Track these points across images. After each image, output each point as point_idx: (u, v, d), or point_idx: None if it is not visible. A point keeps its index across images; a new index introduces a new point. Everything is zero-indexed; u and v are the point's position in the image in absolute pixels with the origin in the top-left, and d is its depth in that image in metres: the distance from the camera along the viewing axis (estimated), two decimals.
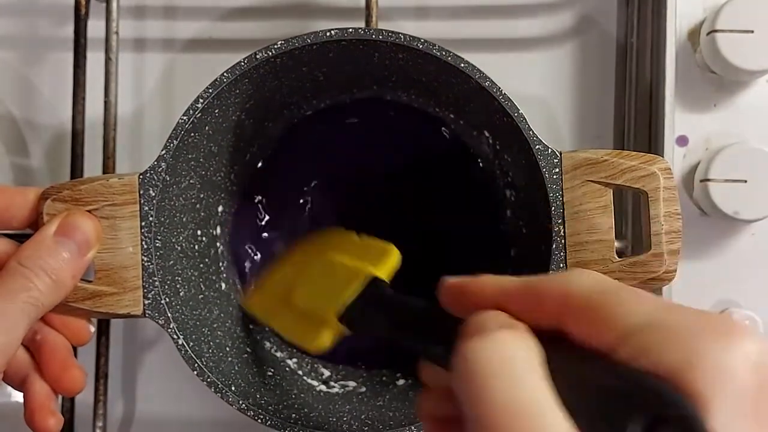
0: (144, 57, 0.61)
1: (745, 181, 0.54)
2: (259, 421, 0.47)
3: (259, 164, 0.56)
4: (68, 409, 0.54)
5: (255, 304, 0.52)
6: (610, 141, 0.58)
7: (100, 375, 0.54)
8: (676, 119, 0.54)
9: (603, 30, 0.59)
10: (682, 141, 0.56)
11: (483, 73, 0.46)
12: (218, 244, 0.55)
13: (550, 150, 0.46)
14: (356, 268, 0.44)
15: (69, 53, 0.54)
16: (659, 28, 0.54)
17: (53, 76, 0.61)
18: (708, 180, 0.54)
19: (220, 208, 0.54)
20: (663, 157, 0.51)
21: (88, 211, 0.45)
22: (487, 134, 0.52)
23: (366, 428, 0.48)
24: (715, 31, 0.53)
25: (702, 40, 0.55)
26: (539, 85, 0.45)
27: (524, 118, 0.46)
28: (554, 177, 0.46)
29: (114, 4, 0.54)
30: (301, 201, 0.57)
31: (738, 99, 0.57)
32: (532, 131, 0.46)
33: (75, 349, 0.52)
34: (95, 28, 0.55)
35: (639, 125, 0.56)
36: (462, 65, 0.46)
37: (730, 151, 0.54)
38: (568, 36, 0.59)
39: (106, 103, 0.54)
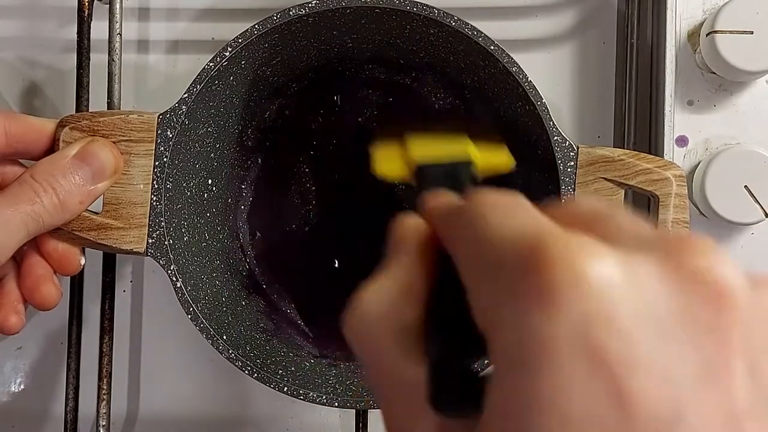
0: (147, 58, 0.60)
1: (745, 184, 0.54)
2: (246, 372, 0.47)
3: (277, 123, 0.56)
4: (72, 408, 0.54)
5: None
6: (610, 141, 0.58)
7: (104, 374, 0.54)
8: (676, 119, 0.54)
9: (603, 30, 0.59)
10: (682, 141, 0.56)
11: (511, 58, 0.46)
12: (227, 196, 0.55)
13: (567, 143, 0.46)
14: (465, 145, 0.44)
15: (72, 54, 0.54)
16: (659, 29, 0.54)
17: (56, 77, 0.60)
18: (707, 181, 0.54)
19: (233, 161, 0.54)
20: (662, 157, 0.52)
21: None
22: (505, 121, 0.52)
23: (350, 393, 0.48)
24: (715, 31, 0.53)
25: (702, 40, 0.55)
26: (539, 86, 0.45)
27: (546, 108, 0.46)
28: (569, 170, 0.46)
29: (117, 6, 0.54)
30: (310, 167, 0.57)
31: (738, 100, 0.57)
32: (553, 121, 0.46)
33: (78, 344, 0.53)
34: (98, 29, 0.54)
35: (639, 125, 0.56)
36: (492, 47, 0.46)
37: (730, 152, 0.54)
38: (568, 36, 0.59)
39: (109, 104, 0.54)
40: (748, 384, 0.21)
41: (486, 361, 0.32)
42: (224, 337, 0.47)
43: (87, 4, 0.53)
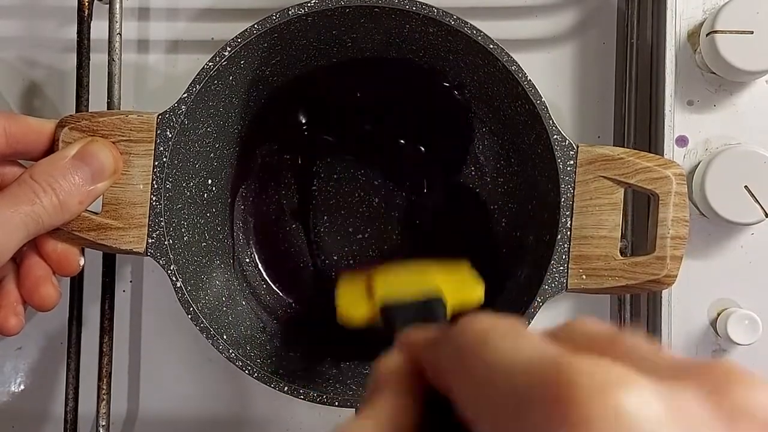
0: (147, 58, 0.60)
1: (745, 184, 0.54)
2: (246, 372, 0.47)
3: (276, 122, 0.56)
4: (72, 408, 0.54)
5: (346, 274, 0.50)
6: (610, 141, 0.58)
7: (104, 374, 0.54)
8: (676, 119, 0.54)
9: (603, 30, 0.59)
10: (682, 141, 0.56)
11: (511, 57, 0.46)
12: (227, 196, 0.55)
13: (567, 141, 0.46)
14: (434, 284, 0.43)
15: (72, 54, 0.54)
16: (659, 29, 0.54)
17: (56, 77, 0.60)
18: (707, 181, 0.54)
19: (232, 161, 0.54)
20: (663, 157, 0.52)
21: None
22: (505, 120, 0.52)
23: (350, 393, 0.48)
24: (715, 31, 0.53)
25: (702, 40, 0.55)
26: (539, 86, 0.45)
27: (546, 107, 0.46)
28: (568, 169, 0.46)
29: (117, 6, 0.54)
30: (310, 166, 0.57)
31: (738, 100, 0.57)
32: (552, 120, 0.46)
33: (78, 344, 0.53)
34: (98, 29, 0.54)
35: (639, 125, 0.56)
36: (491, 46, 0.46)
37: (730, 152, 0.54)
38: (568, 36, 0.59)
39: (109, 104, 0.54)
40: None
41: None
42: (224, 337, 0.47)
43: (87, 4, 0.53)
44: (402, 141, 0.57)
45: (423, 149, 0.57)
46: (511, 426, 0.20)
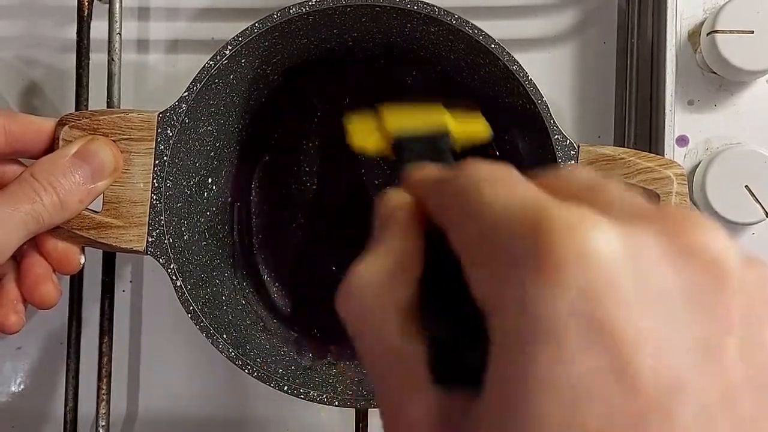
0: (147, 58, 0.60)
1: (745, 184, 0.54)
2: (246, 371, 0.47)
3: (276, 121, 0.56)
4: (72, 408, 0.54)
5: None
6: (610, 141, 0.58)
7: (103, 374, 0.54)
8: (676, 119, 0.54)
9: (603, 30, 0.59)
10: (682, 141, 0.56)
11: (512, 56, 0.46)
12: (227, 195, 0.55)
13: (568, 141, 0.46)
14: (441, 116, 0.43)
15: (72, 54, 0.54)
16: (659, 29, 0.54)
17: (56, 77, 0.60)
18: (707, 181, 0.54)
19: (233, 159, 0.54)
20: (663, 156, 0.52)
21: None
22: (505, 120, 0.52)
23: (350, 392, 0.48)
24: (716, 31, 0.53)
25: (702, 40, 0.55)
26: (540, 85, 0.45)
27: (547, 106, 0.46)
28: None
29: (117, 6, 0.54)
30: (311, 165, 0.57)
31: (738, 99, 0.57)
32: (554, 120, 0.46)
33: (78, 344, 0.53)
34: (98, 29, 0.54)
35: (639, 125, 0.56)
36: (492, 46, 0.46)
37: (730, 152, 0.54)
38: (568, 36, 0.59)
39: (109, 104, 0.53)
40: (742, 358, 0.21)
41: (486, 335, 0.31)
42: (224, 336, 0.47)
43: (87, 3, 0.53)
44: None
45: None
46: (492, 260, 0.22)
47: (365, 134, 0.45)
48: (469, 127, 0.45)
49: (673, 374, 0.20)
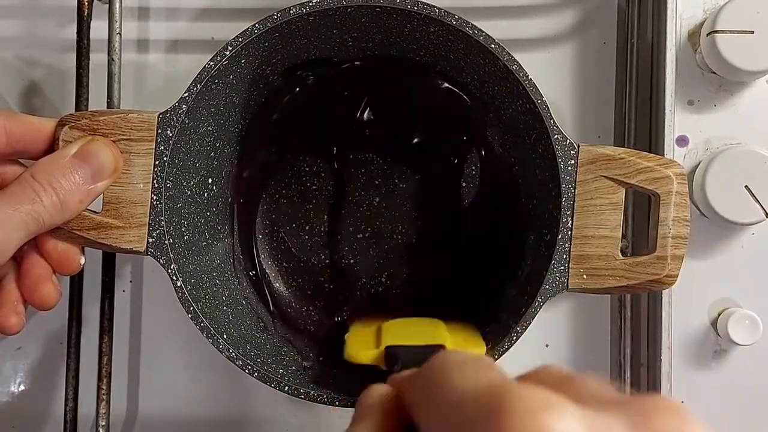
0: (147, 58, 0.60)
1: (745, 184, 0.54)
2: (247, 371, 0.47)
3: (277, 121, 0.56)
4: (72, 408, 0.54)
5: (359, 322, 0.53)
6: (610, 141, 0.58)
7: (103, 374, 0.54)
8: (676, 119, 0.54)
9: (603, 30, 0.59)
10: (682, 141, 0.56)
11: (512, 56, 0.46)
12: (228, 195, 0.55)
13: (568, 141, 0.46)
14: (438, 333, 0.45)
15: (72, 54, 0.54)
16: (659, 29, 0.54)
17: (56, 77, 0.60)
18: (707, 181, 0.54)
19: (233, 160, 0.54)
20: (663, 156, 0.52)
21: None
22: (505, 120, 0.52)
23: (350, 392, 0.48)
24: (716, 31, 0.53)
25: (702, 40, 0.55)
26: (540, 85, 0.45)
27: (547, 106, 0.46)
28: (569, 168, 0.46)
29: (117, 6, 0.54)
30: (311, 165, 0.57)
31: (738, 99, 0.57)
32: (553, 119, 0.46)
33: (78, 344, 0.53)
34: (98, 29, 0.54)
35: (639, 125, 0.56)
36: (492, 46, 0.46)
37: (730, 152, 0.54)
38: (568, 36, 0.59)
39: (109, 104, 0.54)
40: None
41: None
42: (224, 336, 0.47)
43: (86, 3, 0.53)
44: (402, 139, 0.57)
45: (422, 147, 0.57)
46: None
47: (359, 346, 0.46)
48: (464, 344, 0.46)
49: None
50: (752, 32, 0.53)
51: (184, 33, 0.60)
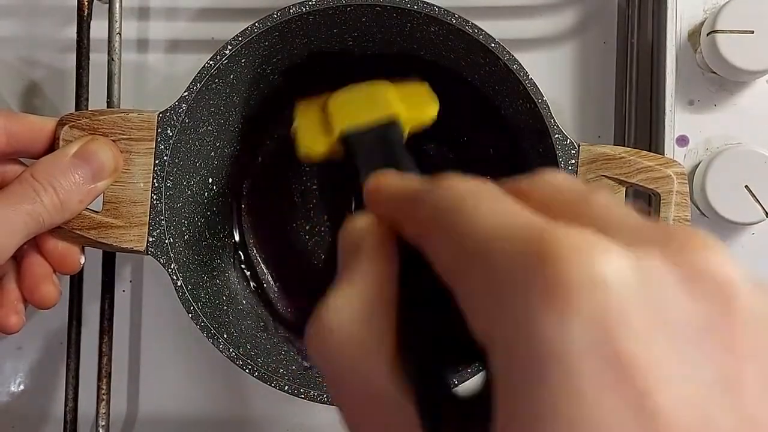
0: (147, 58, 0.60)
1: (745, 184, 0.54)
2: (247, 371, 0.47)
3: (277, 121, 0.56)
4: (72, 408, 0.54)
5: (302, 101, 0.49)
6: (610, 141, 0.58)
7: (103, 374, 0.54)
8: (677, 119, 0.54)
9: (603, 30, 0.59)
10: (682, 141, 0.56)
11: (512, 55, 0.46)
12: (228, 195, 0.55)
13: (569, 141, 0.46)
14: (389, 103, 0.43)
15: (72, 54, 0.53)
16: (659, 29, 0.54)
17: (56, 77, 0.60)
18: (707, 181, 0.54)
19: (233, 159, 0.54)
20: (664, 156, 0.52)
21: None
22: (506, 119, 0.52)
23: None
24: (716, 31, 0.53)
25: (702, 40, 0.55)
26: (540, 85, 0.45)
27: (547, 106, 0.46)
28: (569, 168, 0.46)
29: (117, 5, 0.53)
30: (311, 165, 0.57)
31: (738, 99, 0.57)
32: (554, 119, 0.46)
33: (78, 344, 0.53)
34: (98, 29, 0.54)
35: (639, 125, 0.56)
36: (492, 45, 0.46)
37: (730, 152, 0.54)
38: (568, 36, 0.59)
39: (109, 104, 0.53)
40: (762, 391, 0.19)
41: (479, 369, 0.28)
42: (225, 336, 0.47)
43: (86, 3, 0.53)
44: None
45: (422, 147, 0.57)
46: (491, 289, 0.20)
47: (311, 137, 0.44)
48: (417, 108, 0.44)
49: (694, 411, 0.18)
50: (752, 32, 0.53)
51: (183, 33, 0.60)
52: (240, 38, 0.46)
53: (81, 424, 0.54)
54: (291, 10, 0.46)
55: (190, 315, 0.47)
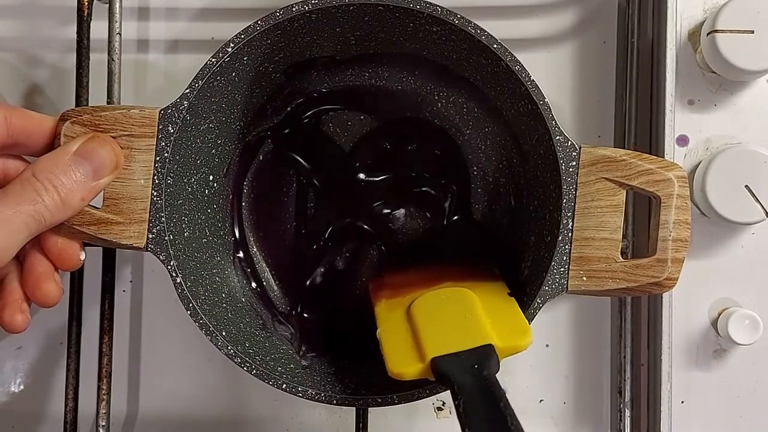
0: (147, 58, 0.60)
1: (745, 183, 0.54)
2: (245, 368, 0.47)
3: (278, 119, 0.56)
4: (72, 408, 0.54)
5: (382, 294, 0.51)
6: (610, 140, 0.58)
7: (104, 374, 0.54)
8: (676, 119, 0.54)
9: (603, 30, 0.59)
10: (683, 141, 0.56)
11: (514, 56, 0.46)
12: (228, 192, 0.55)
13: (570, 142, 0.46)
14: (482, 328, 0.43)
15: (72, 54, 0.54)
16: (659, 29, 0.54)
17: (56, 76, 0.60)
18: (707, 181, 0.54)
19: (234, 157, 0.54)
20: (663, 157, 0.52)
21: None
22: (507, 120, 0.52)
23: (349, 391, 0.48)
24: (716, 31, 0.53)
25: (702, 40, 0.55)
26: (540, 85, 0.46)
27: (549, 107, 0.46)
28: (570, 170, 0.46)
29: (117, 6, 0.54)
30: (311, 164, 0.57)
31: (738, 99, 0.57)
32: (555, 121, 0.46)
33: (78, 344, 0.53)
34: (98, 29, 0.54)
35: (639, 125, 0.56)
36: (495, 46, 0.46)
37: (730, 152, 0.54)
38: (568, 36, 0.59)
39: (109, 103, 0.53)
40: None
41: None
42: (223, 334, 0.47)
43: (87, 3, 0.53)
44: (402, 139, 0.57)
45: (421, 147, 0.57)
46: None
47: (401, 358, 0.44)
48: (511, 339, 0.43)
49: None
50: (752, 32, 0.53)
51: (183, 33, 0.60)
52: (242, 36, 0.46)
53: (81, 424, 0.54)
54: (293, 9, 0.46)
55: (188, 312, 0.47)
